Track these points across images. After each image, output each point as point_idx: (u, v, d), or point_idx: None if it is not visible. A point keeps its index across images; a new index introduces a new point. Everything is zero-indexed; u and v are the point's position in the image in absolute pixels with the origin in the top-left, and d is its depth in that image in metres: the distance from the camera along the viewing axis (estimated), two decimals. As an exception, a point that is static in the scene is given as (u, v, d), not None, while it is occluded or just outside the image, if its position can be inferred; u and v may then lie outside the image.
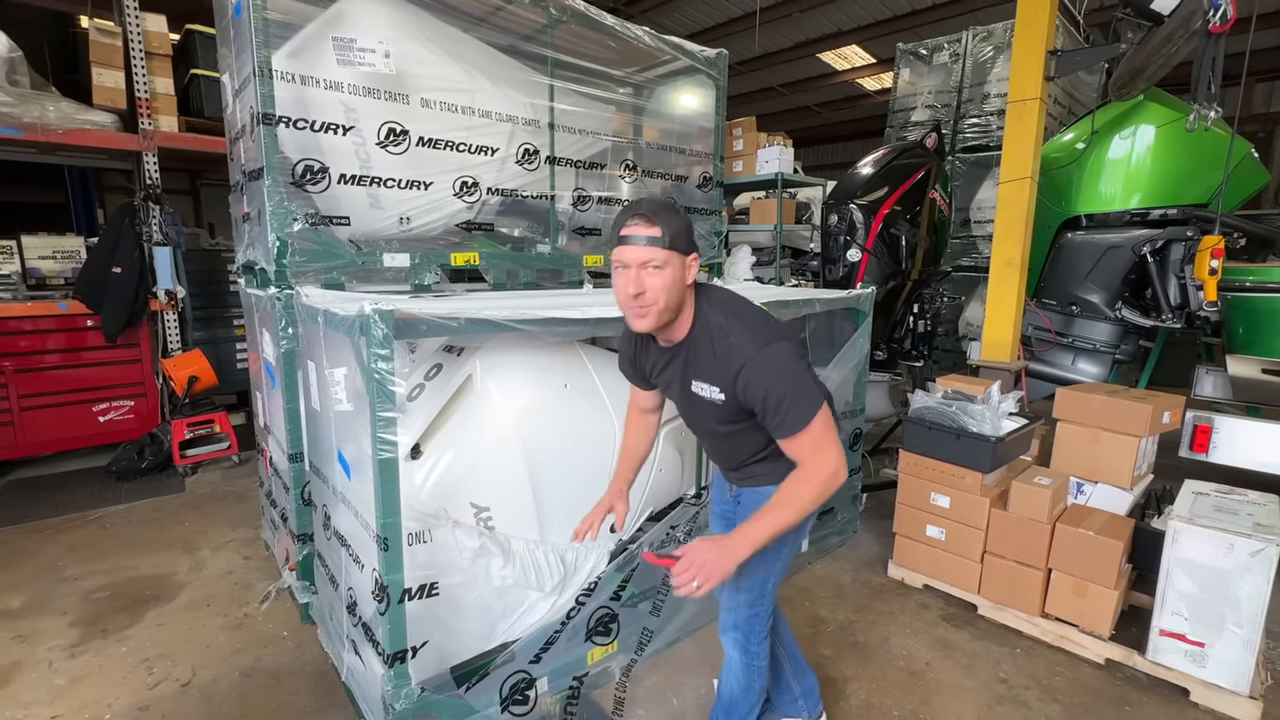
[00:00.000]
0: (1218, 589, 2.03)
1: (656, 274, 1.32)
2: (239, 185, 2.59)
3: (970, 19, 7.19)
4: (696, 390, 1.46)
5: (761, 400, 1.33)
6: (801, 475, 1.33)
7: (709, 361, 1.41)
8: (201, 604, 2.67)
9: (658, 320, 1.37)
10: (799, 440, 1.33)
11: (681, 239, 1.34)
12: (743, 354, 1.35)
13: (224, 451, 4.32)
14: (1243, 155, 3.67)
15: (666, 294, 1.34)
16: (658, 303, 1.34)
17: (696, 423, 1.60)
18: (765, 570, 1.57)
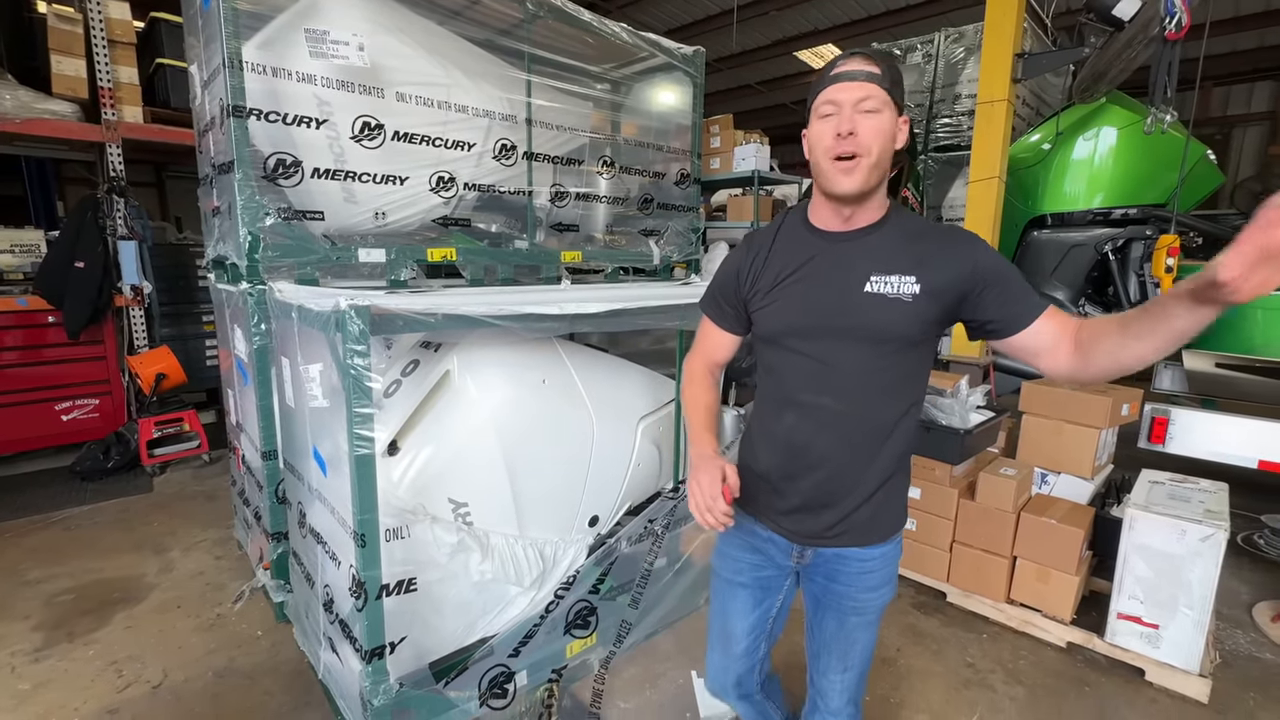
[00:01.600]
0: (1171, 573, 2.12)
1: (873, 117, 1.09)
2: (208, 178, 2.54)
3: (942, 20, 7.32)
4: (875, 287, 1.14)
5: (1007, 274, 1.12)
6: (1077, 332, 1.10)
7: (907, 249, 1.14)
8: (172, 605, 2.63)
9: (866, 178, 1.11)
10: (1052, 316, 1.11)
11: (900, 91, 1.13)
12: (967, 237, 1.15)
13: (193, 450, 4.23)
14: (1198, 157, 3.82)
15: (881, 143, 1.10)
16: (870, 152, 1.10)
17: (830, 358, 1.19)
18: (874, 634, 1.34)
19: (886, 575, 1.29)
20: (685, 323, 2.40)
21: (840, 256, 1.18)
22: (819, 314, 1.18)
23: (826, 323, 1.18)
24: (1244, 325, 3.38)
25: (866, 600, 1.28)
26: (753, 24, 8.94)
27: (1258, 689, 2.21)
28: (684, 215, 3.76)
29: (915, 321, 1.13)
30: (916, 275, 1.12)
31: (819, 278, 1.19)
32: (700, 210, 4.03)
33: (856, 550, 1.26)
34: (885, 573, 1.28)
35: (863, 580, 1.27)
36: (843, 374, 1.18)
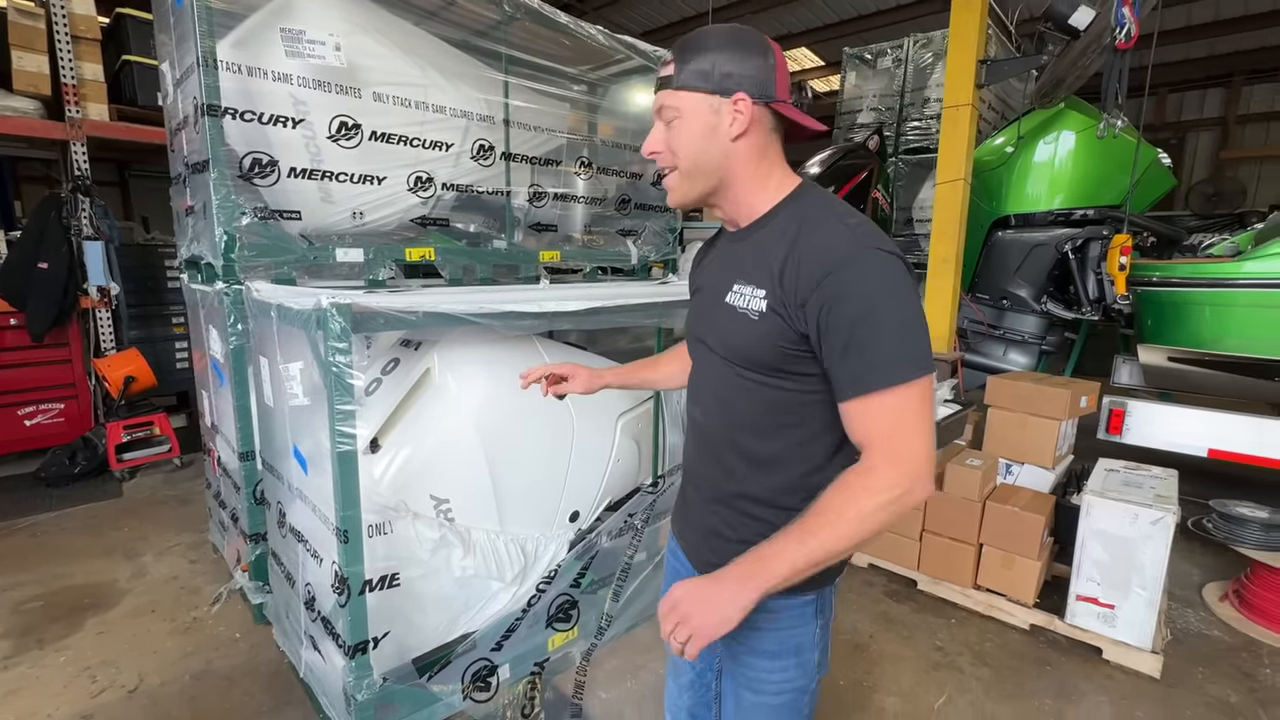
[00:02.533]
0: (1125, 555, 2.23)
1: (675, 126, 0.97)
2: (181, 177, 2.52)
3: (912, 25, 7.51)
4: (731, 300, 0.98)
5: (849, 323, 0.84)
6: (853, 476, 0.86)
7: (773, 254, 0.93)
8: (146, 610, 2.59)
9: (686, 190, 1.00)
10: (877, 404, 0.84)
11: (703, 75, 0.93)
12: (837, 251, 0.87)
13: (164, 455, 4.15)
14: (1150, 160, 3.99)
15: (689, 149, 0.96)
16: (677, 163, 0.98)
17: (702, 366, 1.09)
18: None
19: (785, 644, 1.01)
20: (663, 320, 2.45)
21: (723, 258, 1.06)
22: (695, 319, 1.11)
23: (696, 329, 1.10)
24: (1193, 321, 3.55)
25: (760, 670, 1.03)
26: (727, 27, 9.05)
27: (1206, 664, 2.34)
28: (661, 215, 3.82)
29: (764, 343, 0.93)
30: (768, 288, 0.92)
31: (706, 281, 1.09)
32: (677, 211, 4.08)
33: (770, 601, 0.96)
34: (781, 639, 1.01)
35: (753, 639, 1.02)
36: (707, 387, 1.07)
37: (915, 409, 0.84)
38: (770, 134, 1.00)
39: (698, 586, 0.86)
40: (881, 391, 0.84)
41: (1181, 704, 2.13)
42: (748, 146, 0.97)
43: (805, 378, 0.93)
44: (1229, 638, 2.51)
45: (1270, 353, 3.25)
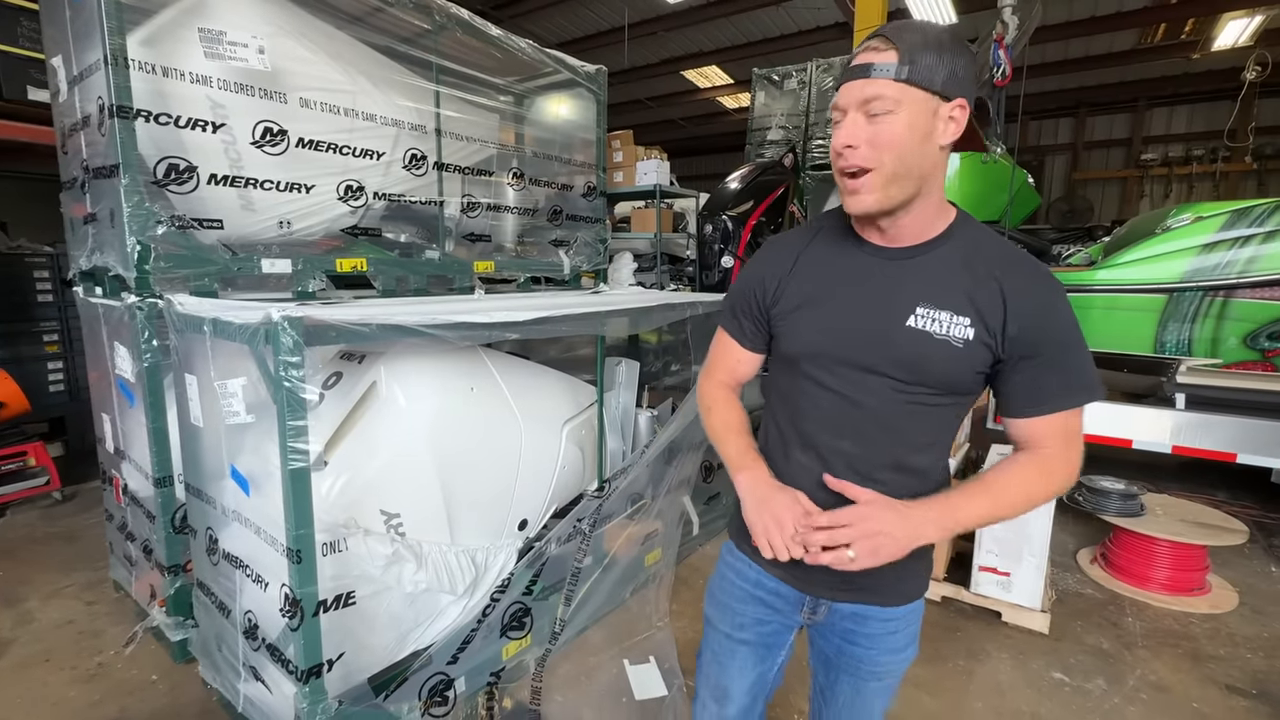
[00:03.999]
0: (1017, 527, 2.54)
1: (883, 121, 0.88)
2: (79, 182, 2.31)
3: (814, 50, 8.06)
4: (921, 325, 0.94)
5: (1061, 347, 0.92)
6: (1039, 462, 0.97)
7: (964, 280, 0.93)
8: (38, 659, 2.33)
9: (881, 196, 0.91)
10: (1068, 419, 0.95)
11: (932, 72, 0.86)
12: (1044, 284, 0.93)
13: (42, 488, 3.72)
14: (1022, 182, 4.54)
15: (896, 151, 0.88)
16: (882, 164, 0.89)
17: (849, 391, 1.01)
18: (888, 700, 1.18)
19: (911, 635, 1.12)
20: (603, 329, 2.53)
21: (885, 277, 0.98)
22: (849, 342, 0.99)
23: (856, 355, 0.99)
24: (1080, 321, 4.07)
25: (888, 664, 1.11)
26: (643, 42, 9.30)
27: (1083, 618, 2.70)
28: (591, 226, 3.90)
29: (965, 370, 0.95)
30: (972, 316, 0.92)
31: (856, 299, 0.99)
32: (606, 221, 4.18)
33: (878, 609, 1.07)
34: (910, 632, 1.12)
35: (886, 641, 1.09)
36: (869, 417, 1.00)
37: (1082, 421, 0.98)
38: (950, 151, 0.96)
39: (890, 509, 0.93)
40: (1073, 410, 0.96)
41: (1067, 653, 2.45)
42: (945, 159, 0.94)
43: (971, 396, 1.02)
44: (1099, 594, 2.91)
45: (1120, 348, 3.79)
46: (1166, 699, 2.20)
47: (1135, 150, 11.48)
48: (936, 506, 0.95)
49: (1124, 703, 2.18)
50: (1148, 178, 11.37)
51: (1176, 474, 4.45)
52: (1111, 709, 2.15)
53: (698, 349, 3.58)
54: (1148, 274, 3.69)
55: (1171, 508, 3.09)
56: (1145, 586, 2.89)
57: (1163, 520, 2.93)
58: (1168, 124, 11.38)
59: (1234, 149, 9.86)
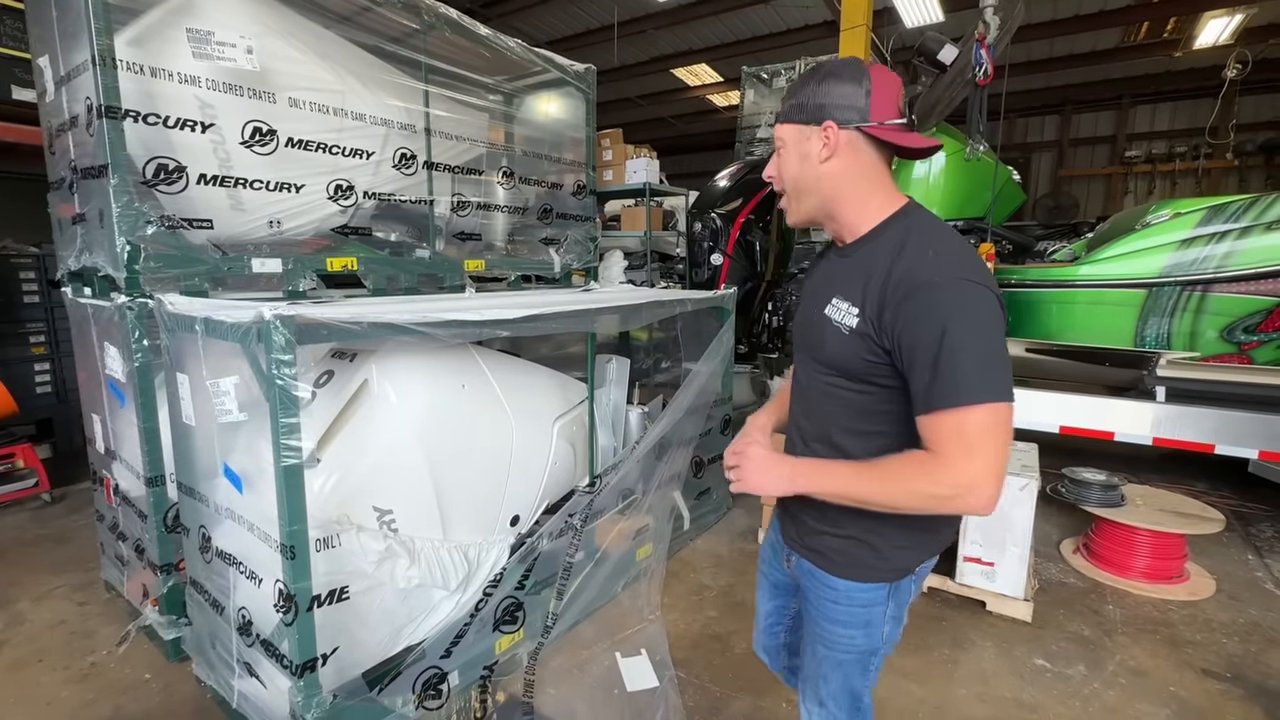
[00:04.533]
0: (1000, 518, 2.59)
1: (780, 154, 1.13)
2: (66, 182, 2.31)
3: (801, 49, 8.11)
4: (829, 311, 1.07)
5: (929, 343, 0.93)
6: (924, 457, 0.96)
7: (869, 274, 1.02)
8: (30, 660, 2.33)
9: (793, 209, 1.15)
10: (945, 421, 0.93)
11: (800, 108, 1.06)
12: (927, 274, 0.95)
13: (30, 490, 3.70)
14: (1006, 179, 4.61)
15: (791, 175, 1.11)
16: (785, 187, 1.14)
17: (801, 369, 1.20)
18: (855, 686, 1.21)
19: (856, 618, 1.16)
20: (594, 326, 2.56)
21: (828, 272, 1.15)
22: (799, 326, 1.22)
23: (799, 338, 1.21)
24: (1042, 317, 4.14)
25: (833, 634, 1.18)
26: (632, 40, 9.30)
27: (1065, 606, 2.76)
28: (581, 225, 3.92)
29: (851, 355, 1.04)
30: (860, 306, 1.02)
31: (811, 293, 1.18)
32: (596, 220, 4.20)
33: (823, 574, 1.17)
34: (853, 614, 1.16)
35: (826, 609, 1.18)
36: (806, 393, 1.18)
37: (979, 430, 0.91)
38: (870, 156, 1.06)
39: (765, 455, 1.08)
40: (947, 411, 0.92)
41: (1049, 641, 2.50)
42: (842, 169, 1.06)
43: (886, 389, 1.03)
44: (1081, 583, 2.98)
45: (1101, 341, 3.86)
46: (1144, 682, 2.26)
47: (1120, 147, 11.62)
48: (809, 465, 1.08)
49: (1103, 687, 2.23)
50: (1132, 174, 11.51)
51: (1158, 465, 4.54)
52: (1091, 693, 2.20)
53: (688, 345, 3.62)
54: (1128, 269, 3.76)
55: (1151, 498, 3.16)
56: (1126, 575, 2.96)
57: (1142, 510, 3.00)
58: (1151, 121, 11.52)
59: (1215, 146, 10.01)
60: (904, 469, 0.98)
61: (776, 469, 1.08)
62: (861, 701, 1.23)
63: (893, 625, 1.19)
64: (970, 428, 0.91)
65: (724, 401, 3.57)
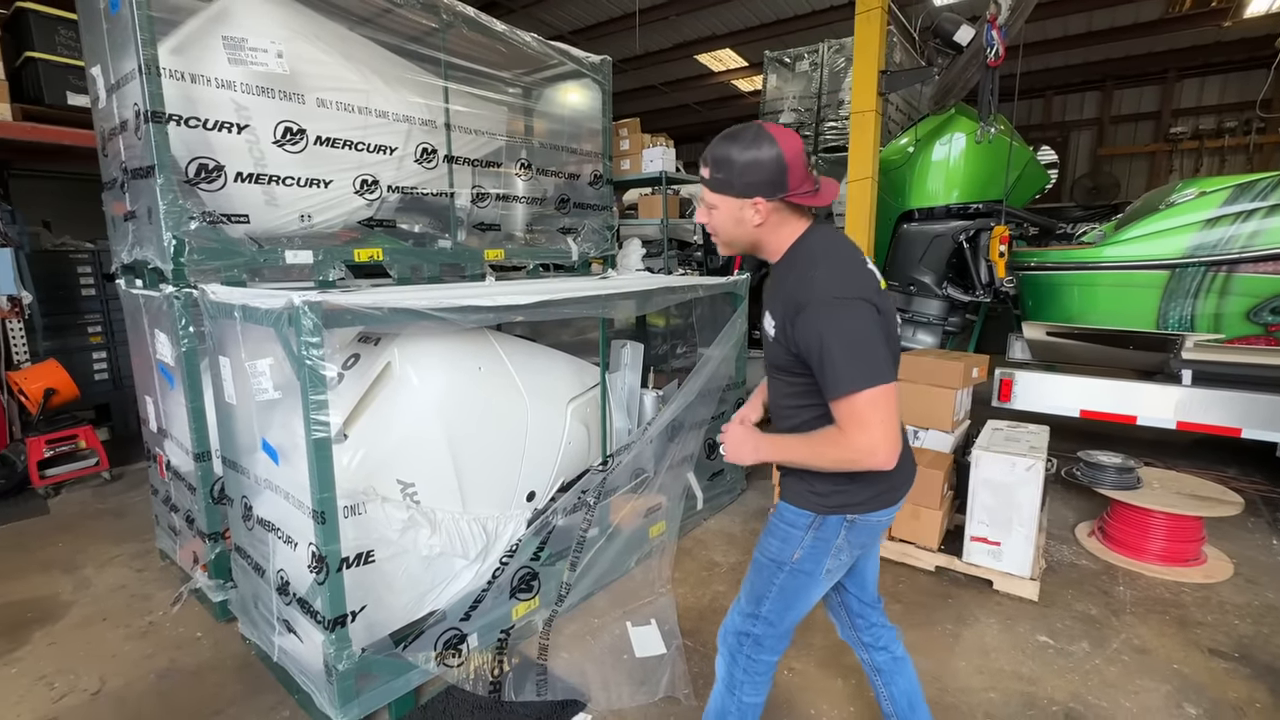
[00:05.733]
0: (1007, 497, 2.63)
1: (712, 211, 1.38)
2: (118, 182, 2.50)
3: (826, 31, 8.00)
4: (764, 323, 1.42)
5: (812, 348, 1.24)
6: (832, 434, 1.25)
7: (778, 294, 1.35)
8: (96, 619, 2.57)
9: (726, 250, 1.45)
10: (840, 406, 1.22)
11: (728, 183, 1.31)
12: (806, 295, 1.25)
13: (92, 469, 4.00)
14: (1027, 160, 4.52)
15: (725, 231, 1.38)
16: (719, 235, 1.40)
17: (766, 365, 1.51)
18: (760, 589, 1.46)
19: (778, 529, 1.45)
20: (605, 312, 2.66)
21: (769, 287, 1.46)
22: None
23: None
24: (1065, 300, 4.08)
25: (763, 540, 1.49)
26: (655, 27, 9.28)
27: (1075, 587, 2.78)
28: (599, 214, 4.01)
29: (778, 354, 1.38)
30: (777, 319, 1.35)
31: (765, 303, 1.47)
32: (614, 209, 4.29)
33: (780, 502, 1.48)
34: (778, 526, 1.45)
35: (771, 520, 1.49)
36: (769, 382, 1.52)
37: (865, 409, 1.20)
38: (786, 210, 1.35)
39: (741, 432, 1.42)
40: (840, 399, 1.22)
41: (1055, 619, 2.54)
42: (768, 225, 1.36)
43: (809, 377, 1.31)
44: (1094, 565, 2.98)
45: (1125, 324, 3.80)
46: (1147, 659, 2.28)
47: (1164, 123, 11.13)
48: (768, 440, 1.40)
49: (1105, 663, 2.27)
50: (1177, 152, 11.02)
51: (1185, 451, 4.45)
52: (1092, 669, 2.24)
53: (704, 331, 3.69)
54: (1151, 250, 3.67)
55: (1169, 481, 3.13)
56: (1140, 557, 2.95)
57: (1158, 493, 2.98)
58: (1199, 95, 10.99)
59: (1269, 120, 9.53)
60: (824, 442, 1.27)
61: (748, 442, 1.41)
62: (759, 609, 1.47)
63: (810, 555, 1.41)
64: (858, 408, 1.20)
65: (737, 386, 3.64)
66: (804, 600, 1.46)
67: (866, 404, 1.19)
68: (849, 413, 1.21)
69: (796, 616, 1.48)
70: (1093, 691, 2.12)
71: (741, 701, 1.52)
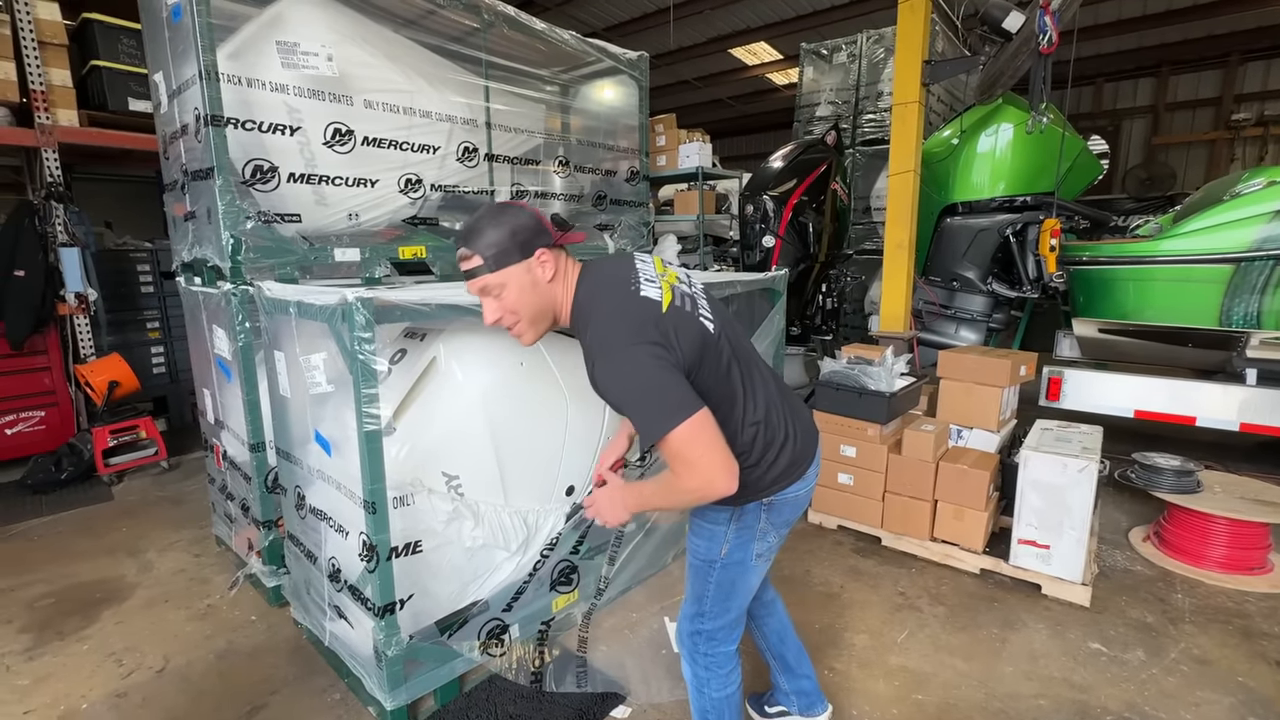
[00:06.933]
0: (1057, 500, 2.54)
1: (503, 296, 1.31)
2: (179, 184, 2.61)
3: (864, 21, 7.83)
4: None
5: (616, 403, 1.25)
6: (670, 477, 1.23)
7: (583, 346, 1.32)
8: (159, 600, 2.70)
9: (535, 331, 1.37)
10: (663, 450, 1.19)
11: (507, 253, 1.27)
12: (592, 349, 1.25)
13: (152, 458, 4.20)
14: (1079, 150, 4.35)
15: (525, 305, 1.32)
16: (521, 318, 1.33)
17: None
18: (698, 588, 1.51)
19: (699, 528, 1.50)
20: (645, 308, 2.66)
21: None
22: None
23: None
24: (1118, 295, 3.92)
25: (691, 545, 1.54)
26: (689, 22, 9.24)
27: (1129, 593, 2.68)
28: (635, 210, 4.02)
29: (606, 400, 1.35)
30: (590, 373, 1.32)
31: None
32: (650, 205, 4.29)
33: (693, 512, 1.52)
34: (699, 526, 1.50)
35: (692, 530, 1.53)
36: None
37: (682, 448, 1.16)
38: (563, 257, 1.36)
39: (611, 491, 1.40)
40: (660, 443, 1.18)
41: (1107, 625, 2.45)
42: (557, 278, 1.34)
43: None
44: (1149, 571, 2.87)
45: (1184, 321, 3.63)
46: (1209, 671, 2.19)
47: (1225, 110, 10.57)
48: (632, 488, 1.36)
49: (1162, 673, 2.18)
50: (1239, 140, 10.46)
51: (1249, 454, 4.24)
52: (1148, 678, 2.16)
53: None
54: (1214, 243, 3.49)
55: (1232, 485, 2.99)
56: (1200, 564, 2.83)
57: (1220, 497, 2.85)
58: (1264, 79, 10.40)
59: (1342, 104, 8.96)
60: (668, 486, 1.25)
61: (615, 501, 1.37)
62: (700, 606, 1.52)
63: (737, 545, 1.46)
64: (675, 449, 1.17)
65: (774, 382, 3.60)
66: (742, 589, 1.51)
67: (681, 444, 1.16)
68: (671, 456, 1.19)
69: (740, 605, 1.53)
70: (1150, 702, 2.05)
71: (712, 698, 1.56)
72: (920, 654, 2.30)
